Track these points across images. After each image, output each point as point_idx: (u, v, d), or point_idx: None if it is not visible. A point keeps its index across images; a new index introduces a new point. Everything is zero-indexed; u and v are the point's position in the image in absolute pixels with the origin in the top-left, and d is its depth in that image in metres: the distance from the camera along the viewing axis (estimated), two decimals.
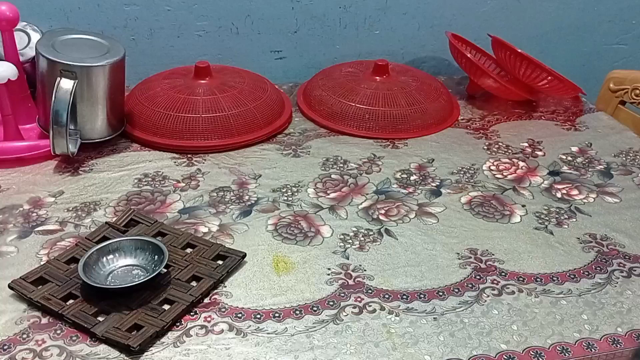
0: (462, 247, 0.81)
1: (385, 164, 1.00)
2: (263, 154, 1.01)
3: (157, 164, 0.98)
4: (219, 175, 0.95)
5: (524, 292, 0.73)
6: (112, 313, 0.67)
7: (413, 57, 1.37)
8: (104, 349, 0.64)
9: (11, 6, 0.96)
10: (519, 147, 1.06)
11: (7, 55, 0.99)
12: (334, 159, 1.01)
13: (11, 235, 0.80)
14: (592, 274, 0.76)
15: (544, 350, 0.65)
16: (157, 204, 0.88)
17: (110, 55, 0.96)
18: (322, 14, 1.29)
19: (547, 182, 0.96)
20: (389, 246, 0.80)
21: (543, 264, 0.78)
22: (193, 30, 1.25)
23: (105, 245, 0.74)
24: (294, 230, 0.83)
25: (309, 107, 1.15)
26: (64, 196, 0.89)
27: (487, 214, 0.88)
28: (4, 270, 0.74)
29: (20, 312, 0.68)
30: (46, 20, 1.16)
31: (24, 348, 0.64)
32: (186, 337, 0.66)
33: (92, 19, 1.20)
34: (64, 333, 0.66)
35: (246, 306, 0.70)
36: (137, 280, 0.69)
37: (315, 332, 0.67)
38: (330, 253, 0.79)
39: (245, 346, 0.65)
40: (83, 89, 0.93)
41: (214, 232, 0.82)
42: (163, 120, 1.01)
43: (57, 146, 0.92)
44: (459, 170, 0.98)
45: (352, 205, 0.89)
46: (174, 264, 0.75)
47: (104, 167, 0.96)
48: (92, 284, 0.68)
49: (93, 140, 0.98)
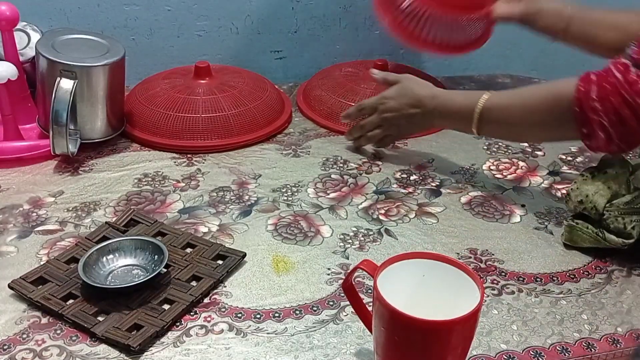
0: (462, 247, 0.81)
1: (385, 163, 1.00)
2: (263, 154, 1.01)
3: (157, 164, 0.98)
4: (218, 175, 0.95)
5: (524, 292, 0.73)
6: (112, 313, 0.67)
7: (413, 58, 1.37)
8: (104, 348, 0.64)
9: (11, 6, 0.96)
10: (519, 147, 1.06)
11: (7, 55, 0.99)
12: (333, 159, 1.01)
13: (11, 235, 0.80)
14: (591, 273, 0.76)
15: (544, 350, 0.65)
16: (157, 204, 0.88)
17: (110, 55, 0.96)
18: (322, 14, 1.29)
19: (547, 182, 0.96)
20: (388, 246, 0.80)
21: (543, 264, 0.78)
22: (193, 30, 1.25)
23: (105, 245, 0.74)
24: (293, 230, 0.83)
25: (308, 107, 1.15)
26: (63, 196, 0.89)
27: (487, 214, 0.88)
28: (4, 270, 0.74)
29: (20, 312, 0.68)
30: (46, 20, 1.16)
31: (24, 348, 0.64)
32: (186, 336, 0.66)
33: (92, 19, 1.20)
34: (64, 333, 0.66)
35: (246, 306, 0.70)
36: (137, 280, 0.69)
37: (315, 332, 0.67)
38: (330, 253, 0.79)
39: (245, 346, 0.65)
40: (83, 89, 0.93)
41: (213, 232, 0.82)
42: (163, 120, 1.02)
43: (57, 146, 0.92)
44: (459, 170, 0.98)
45: (352, 205, 0.89)
46: (174, 264, 0.75)
47: (103, 167, 0.96)
48: (92, 283, 0.68)
49: (93, 140, 0.98)
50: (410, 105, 0.93)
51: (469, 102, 0.86)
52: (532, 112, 0.80)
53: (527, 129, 0.84)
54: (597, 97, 0.71)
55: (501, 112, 0.84)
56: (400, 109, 0.94)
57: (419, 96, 0.92)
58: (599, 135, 0.72)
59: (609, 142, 0.72)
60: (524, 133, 0.87)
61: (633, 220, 0.74)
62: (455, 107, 0.89)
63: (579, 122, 0.73)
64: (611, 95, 0.70)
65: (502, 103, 0.84)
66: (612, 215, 0.76)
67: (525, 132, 0.86)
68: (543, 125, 0.80)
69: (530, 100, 0.81)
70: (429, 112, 0.92)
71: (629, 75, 0.69)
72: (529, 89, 0.84)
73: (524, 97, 0.82)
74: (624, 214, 0.75)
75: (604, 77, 0.71)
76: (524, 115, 0.81)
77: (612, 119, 0.70)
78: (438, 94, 0.92)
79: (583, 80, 0.73)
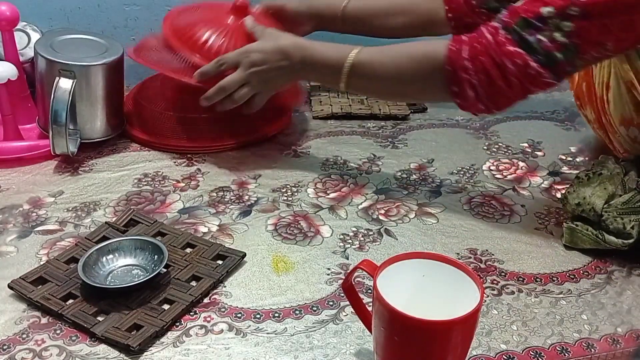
0: (461, 247, 0.81)
1: (385, 164, 1.00)
2: (263, 154, 1.01)
3: (156, 164, 0.98)
4: (218, 175, 0.95)
5: (524, 292, 0.73)
6: (111, 313, 0.67)
7: None
8: (104, 348, 0.64)
9: (11, 6, 0.96)
10: (519, 147, 1.06)
11: (7, 55, 0.99)
12: (333, 159, 1.01)
13: (11, 235, 0.80)
14: (591, 274, 0.76)
15: (544, 350, 0.65)
16: (157, 204, 0.88)
17: (108, 55, 0.96)
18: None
19: (547, 182, 0.96)
20: (388, 246, 0.80)
21: (543, 264, 0.78)
22: None
23: (105, 245, 0.74)
24: (293, 230, 0.83)
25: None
26: (63, 196, 0.89)
27: (487, 214, 0.87)
28: (4, 270, 0.74)
29: (20, 312, 0.68)
30: (46, 20, 1.16)
31: (24, 348, 0.64)
32: (186, 336, 0.66)
33: (92, 19, 1.20)
34: (64, 333, 0.66)
35: (246, 306, 0.70)
36: (137, 280, 0.69)
37: (315, 332, 0.67)
38: (330, 253, 0.79)
39: (244, 346, 0.65)
40: (82, 89, 0.93)
41: (213, 232, 0.82)
42: (163, 120, 1.01)
43: (57, 146, 0.92)
44: (459, 170, 0.98)
45: (352, 205, 0.89)
46: (174, 264, 0.75)
47: (103, 167, 0.96)
48: (91, 283, 0.68)
49: (93, 139, 0.98)
50: (276, 56, 0.87)
51: (339, 55, 0.84)
52: (403, 68, 0.80)
53: (396, 86, 0.83)
54: (469, 57, 0.73)
55: (372, 67, 0.82)
56: (267, 61, 0.87)
57: (286, 47, 0.87)
58: (469, 94, 0.74)
59: (477, 101, 0.75)
60: (393, 90, 0.85)
61: (632, 220, 0.75)
62: (324, 59, 0.85)
63: (450, 81, 0.75)
64: (481, 55, 0.72)
65: (374, 58, 0.82)
66: (611, 216, 0.76)
67: (394, 88, 0.84)
68: (413, 83, 0.81)
69: (402, 57, 0.81)
70: (297, 63, 0.87)
71: (497, 37, 0.71)
72: (401, 46, 0.83)
73: (395, 54, 0.82)
74: (622, 214, 0.75)
75: (475, 38, 0.73)
76: (395, 71, 0.81)
77: (481, 77, 0.73)
78: (306, 45, 0.87)
79: (455, 40, 0.75)
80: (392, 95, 0.95)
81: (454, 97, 0.77)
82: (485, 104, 0.75)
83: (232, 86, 0.89)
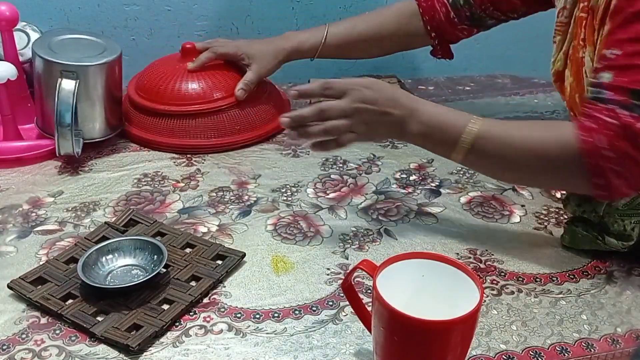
0: (461, 247, 0.81)
1: (385, 164, 0.99)
2: (263, 154, 1.01)
3: (156, 164, 0.98)
4: (218, 175, 0.95)
5: (524, 292, 0.73)
6: (111, 313, 0.67)
7: (413, 57, 1.37)
8: (103, 348, 0.64)
9: (11, 6, 0.96)
10: None
11: (6, 55, 0.99)
12: (333, 159, 1.00)
13: (10, 235, 0.80)
14: (591, 274, 0.76)
15: (544, 350, 0.65)
16: (157, 204, 0.88)
17: (107, 54, 0.96)
18: (322, 14, 1.29)
19: None
20: (388, 246, 0.80)
21: (542, 264, 0.78)
22: (193, 30, 1.25)
23: (105, 245, 0.74)
24: (293, 230, 0.83)
25: None
26: (63, 196, 0.89)
27: (486, 214, 0.87)
28: (3, 270, 0.74)
29: (20, 312, 0.68)
30: (46, 20, 1.16)
31: (23, 348, 0.64)
32: (185, 337, 0.66)
33: (92, 19, 1.20)
34: (63, 333, 0.66)
35: (245, 306, 0.70)
36: (137, 280, 0.69)
37: (315, 332, 0.67)
38: (330, 253, 0.79)
39: (244, 346, 0.65)
40: (82, 89, 0.93)
41: (213, 232, 0.82)
42: (162, 120, 1.01)
43: (62, 147, 0.91)
44: (458, 170, 0.98)
45: (352, 205, 0.89)
46: (173, 264, 0.75)
47: (103, 167, 0.96)
48: (91, 283, 0.68)
49: (93, 139, 0.98)
50: (388, 102, 0.75)
51: (459, 122, 0.73)
52: (536, 153, 0.71)
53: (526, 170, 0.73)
54: (607, 145, 0.67)
55: (500, 144, 0.72)
56: (377, 102, 0.75)
57: (397, 95, 0.76)
58: (615, 183, 0.68)
59: (628, 188, 0.69)
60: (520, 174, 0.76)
61: (633, 221, 0.75)
62: (440, 119, 0.74)
63: (592, 173, 0.68)
64: (617, 141, 0.67)
65: (501, 134, 0.72)
66: (612, 218, 0.76)
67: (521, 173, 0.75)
68: (545, 172, 0.73)
69: (532, 139, 0.72)
70: (407, 116, 0.75)
71: (623, 119, 0.66)
72: (523, 125, 0.77)
73: (523, 134, 0.72)
74: (623, 216, 0.75)
75: (602, 124, 0.68)
76: (526, 154, 0.71)
77: (626, 162, 0.67)
78: (418, 100, 0.77)
79: (582, 128, 0.68)
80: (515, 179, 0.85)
81: (596, 190, 0.69)
82: (635, 187, 0.70)
83: (333, 113, 0.75)
